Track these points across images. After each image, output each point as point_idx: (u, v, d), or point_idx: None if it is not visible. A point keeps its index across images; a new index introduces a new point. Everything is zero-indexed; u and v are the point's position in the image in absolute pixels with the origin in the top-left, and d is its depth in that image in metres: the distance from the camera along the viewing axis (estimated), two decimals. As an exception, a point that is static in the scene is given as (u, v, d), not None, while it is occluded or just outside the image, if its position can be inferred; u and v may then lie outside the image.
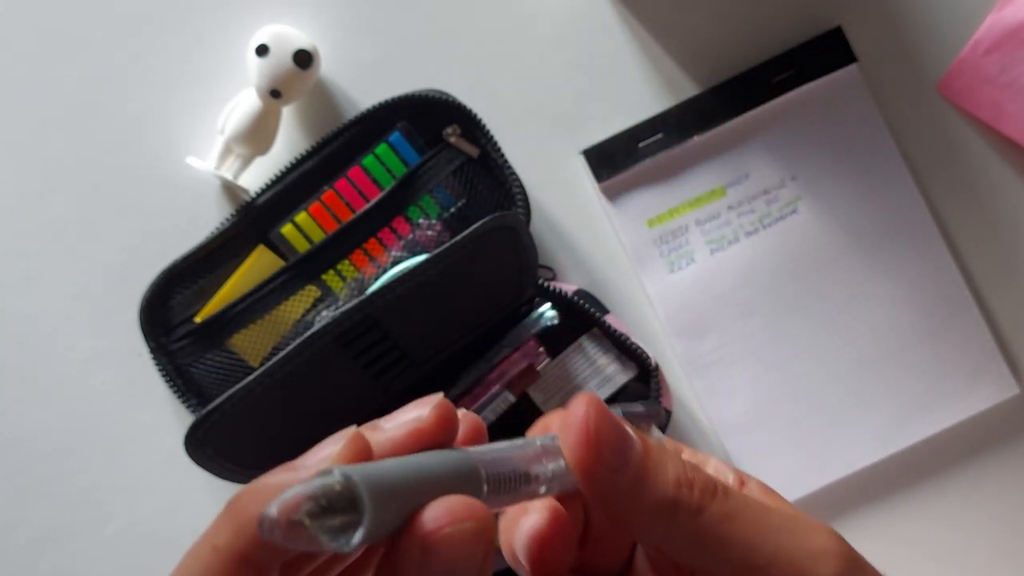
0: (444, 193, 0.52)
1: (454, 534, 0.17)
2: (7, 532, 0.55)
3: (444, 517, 0.17)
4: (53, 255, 0.55)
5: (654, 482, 0.21)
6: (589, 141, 0.55)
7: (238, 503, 0.19)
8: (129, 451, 0.55)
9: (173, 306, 0.53)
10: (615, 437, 0.21)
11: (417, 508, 0.17)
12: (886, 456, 0.54)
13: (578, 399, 0.21)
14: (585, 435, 0.21)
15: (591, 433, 0.21)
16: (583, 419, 0.21)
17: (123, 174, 0.55)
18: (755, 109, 0.54)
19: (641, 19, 0.55)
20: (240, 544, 0.19)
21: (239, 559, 0.19)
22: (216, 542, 0.19)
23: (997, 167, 0.55)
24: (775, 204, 0.55)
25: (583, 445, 0.21)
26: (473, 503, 0.18)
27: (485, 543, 0.18)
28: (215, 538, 0.19)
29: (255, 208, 0.52)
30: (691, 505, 0.21)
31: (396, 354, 0.48)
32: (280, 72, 0.51)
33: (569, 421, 0.21)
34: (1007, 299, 0.55)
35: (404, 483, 0.18)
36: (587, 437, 0.21)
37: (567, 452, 0.21)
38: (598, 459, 0.21)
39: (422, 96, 0.51)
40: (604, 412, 0.21)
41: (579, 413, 0.21)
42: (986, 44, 0.54)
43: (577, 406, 0.21)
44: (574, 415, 0.21)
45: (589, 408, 0.21)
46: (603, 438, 0.21)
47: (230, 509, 0.19)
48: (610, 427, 0.21)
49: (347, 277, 0.52)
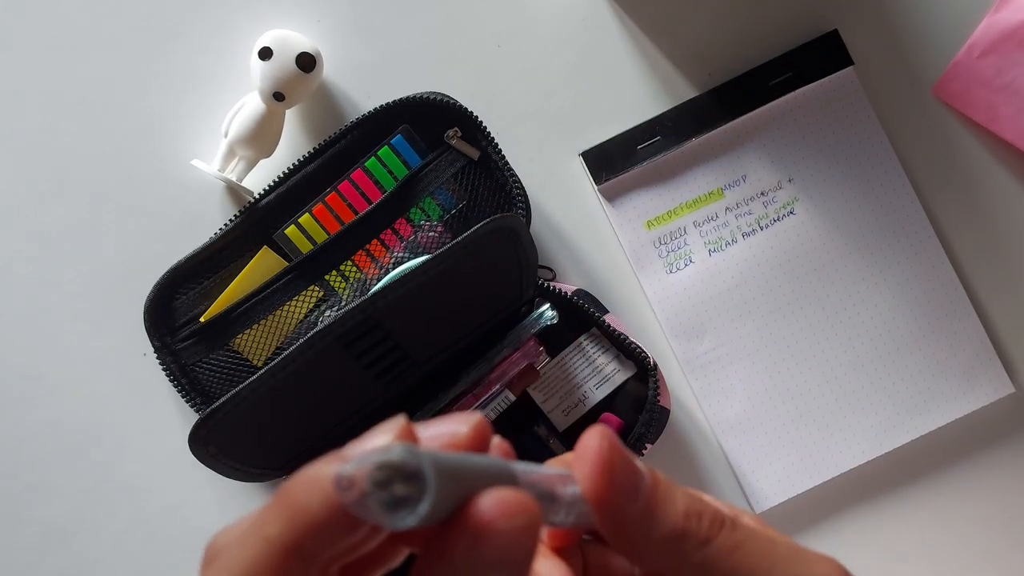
0: (445, 195, 0.53)
1: (506, 526, 0.18)
2: (13, 530, 0.56)
3: (498, 508, 0.18)
4: (58, 256, 0.56)
5: (664, 512, 0.22)
6: (588, 143, 0.55)
7: (290, 493, 0.19)
8: (134, 450, 0.56)
9: (177, 306, 0.53)
10: (627, 469, 0.22)
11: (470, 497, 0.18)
12: (882, 455, 0.54)
13: (592, 432, 0.22)
14: (599, 465, 0.21)
15: (605, 463, 0.21)
16: (597, 450, 0.21)
17: (128, 176, 0.56)
18: (752, 112, 0.55)
19: (639, 22, 0.56)
20: (292, 535, 0.18)
21: (291, 550, 0.18)
22: (267, 532, 0.18)
23: (992, 169, 0.55)
24: (772, 206, 0.55)
25: (597, 475, 0.21)
26: (526, 498, 0.18)
27: (533, 538, 0.18)
28: (265, 528, 0.18)
29: (259, 209, 0.53)
30: (699, 536, 0.22)
31: (398, 354, 0.49)
32: (283, 75, 0.51)
33: (583, 452, 0.21)
34: (1003, 299, 0.55)
35: (461, 470, 0.18)
36: (601, 467, 0.21)
37: (582, 481, 0.22)
38: (611, 488, 0.21)
39: (423, 99, 0.52)
40: (616, 445, 0.22)
41: (593, 445, 0.21)
42: (981, 47, 0.54)
43: (591, 438, 0.22)
44: (588, 446, 0.22)
45: (603, 440, 0.21)
46: (616, 468, 0.21)
47: (281, 499, 0.19)
48: (622, 459, 0.22)
49: (350, 278, 0.53)
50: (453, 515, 0.18)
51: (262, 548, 0.18)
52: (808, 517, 0.55)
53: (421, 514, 0.16)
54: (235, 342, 0.53)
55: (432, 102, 0.52)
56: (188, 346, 0.53)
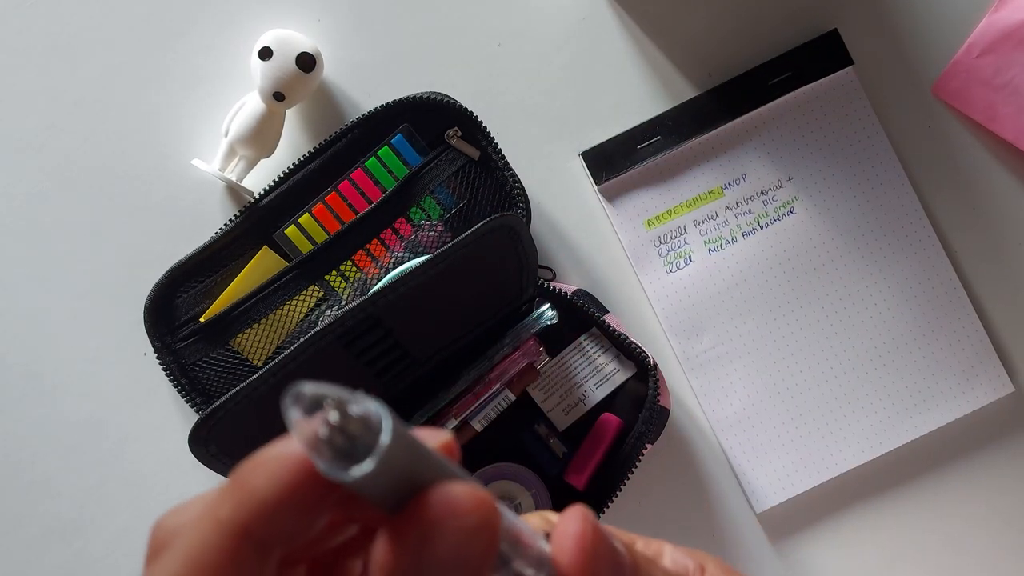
0: (445, 194, 0.53)
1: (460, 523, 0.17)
2: (14, 528, 0.56)
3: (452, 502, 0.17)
4: (59, 255, 0.56)
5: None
6: (588, 143, 0.55)
7: (242, 475, 0.18)
8: (134, 449, 0.56)
9: (178, 306, 0.53)
10: (608, 555, 0.21)
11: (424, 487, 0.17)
12: (881, 454, 0.55)
13: (572, 514, 0.21)
14: (580, 552, 0.20)
15: (586, 550, 0.20)
16: (579, 535, 0.20)
17: (129, 176, 0.56)
18: (752, 111, 0.55)
19: (639, 22, 0.56)
20: (243, 517, 0.17)
21: (242, 533, 0.17)
22: (219, 514, 0.18)
23: (991, 168, 0.55)
24: (772, 205, 0.55)
25: (577, 561, 0.20)
26: (484, 496, 0.17)
27: (489, 540, 0.17)
28: (217, 510, 0.18)
29: (259, 209, 0.53)
30: None
31: (398, 353, 0.49)
32: (283, 75, 0.51)
33: (563, 535, 0.21)
34: (1002, 298, 0.55)
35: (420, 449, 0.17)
36: (581, 553, 0.20)
37: (560, 563, 0.21)
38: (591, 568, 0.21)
39: (423, 99, 0.52)
40: (597, 529, 0.21)
41: (574, 529, 0.21)
42: (981, 46, 0.54)
43: (572, 522, 0.21)
44: (568, 530, 0.21)
45: (584, 525, 0.21)
46: (597, 554, 0.21)
47: (235, 481, 0.18)
48: (603, 545, 0.21)
49: (350, 277, 0.53)
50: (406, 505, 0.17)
51: (214, 531, 0.17)
52: (808, 517, 0.55)
53: (367, 469, 0.15)
54: (235, 342, 0.53)
55: (432, 102, 0.52)
56: (188, 346, 0.53)
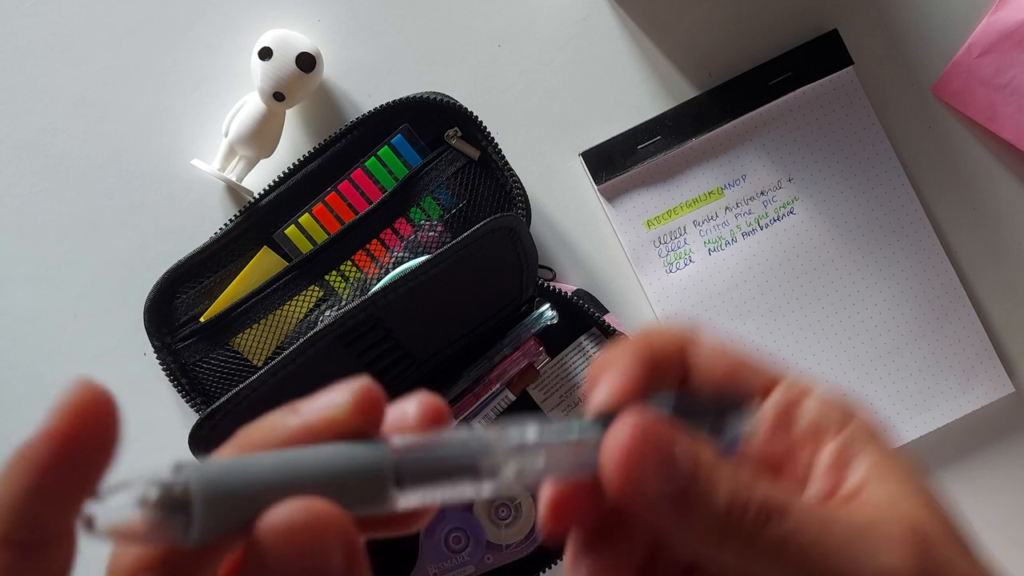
0: (445, 194, 0.53)
1: (286, 548, 0.17)
2: (14, 529, 0.56)
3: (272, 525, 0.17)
4: (59, 255, 0.56)
5: (701, 509, 0.19)
6: (588, 143, 0.55)
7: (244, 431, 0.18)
8: (134, 449, 0.55)
9: (178, 306, 0.53)
10: (661, 464, 0.19)
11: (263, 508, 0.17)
12: (882, 454, 0.54)
13: (625, 419, 0.19)
14: (626, 464, 0.19)
15: (633, 460, 0.19)
16: (626, 444, 0.19)
17: (129, 176, 0.56)
18: (752, 111, 0.55)
19: (640, 22, 0.56)
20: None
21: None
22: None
23: (991, 168, 0.55)
24: (772, 205, 0.55)
25: (622, 474, 0.19)
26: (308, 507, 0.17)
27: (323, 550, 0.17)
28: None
29: (259, 209, 0.53)
30: (741, 534, 0.19)
31: (398, 353, 0.49)
32: (283, 75, 0.51)
33: (609, 448, 0.19)
34: (1002, 298, 0.55)
35: (257, 483, 0.17)
36: (628, 467, 0.19)
37: (605, 473, 0.19)
38: (637, 494, 0.19)
39: (423, 99, 0.52)
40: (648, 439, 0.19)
41: (619, 441, 0.19)
42: (981, 47, 0.54)
43: (618, 433, 0.19)
44: (614, 443, 0.19)
45: (635, 431, 0.19)
46: (650, 468, 0.19)
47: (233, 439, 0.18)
48: (657, 454, 0.19)
49: (350, 277, 0.53)
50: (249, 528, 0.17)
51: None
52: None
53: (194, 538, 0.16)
54: (235, 342, 0.53)
55: (432, 102, 0.52)
56: (188, 346, 0.53)
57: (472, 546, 0.50)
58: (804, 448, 0.23)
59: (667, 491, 0.19)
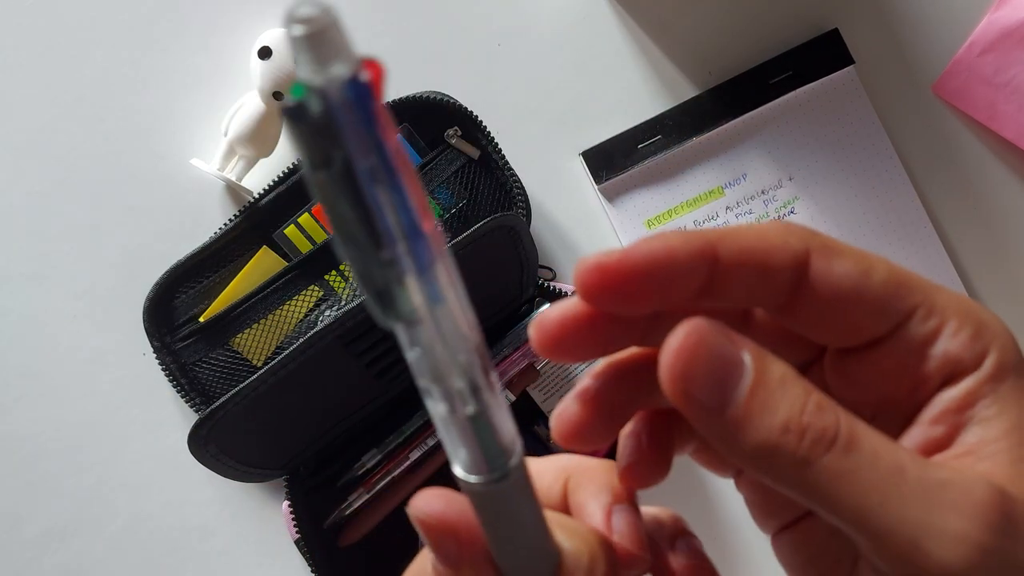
0: (445, 194, 0.52)
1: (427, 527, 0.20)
2: (13, 528, 0.56)
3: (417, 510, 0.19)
4: (58, 255, 0.56)
5: (755, 426, 0.18)
6: (588, 142, 0.55)
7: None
8: (134, 449, 0.56)
9: (177, 306, 0.53)
10: (717, 371, 0.18)
11: None
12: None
13: (682, 328, 0.18)
14: (680, 370, 0.18)
15: (688, 367, 0.18)
16: (677, 351, 0.18)
17: (128, 175, 0.56)
18: (753, 110, 0.55)
19: (640, 21, 0.56)
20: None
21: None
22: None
23: (992, 167, 0.55)
24: (772, 204, 0.55)
25: (675, 379, 0.18)
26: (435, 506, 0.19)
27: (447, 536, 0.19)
28: None
29: (258, 209, 0.53)
30: (796, 456, 0.18)
31: (398, 353, 0.48)
32: (283, 75, 0.51)
33: (666, 352, 0.18)
34: (1003, 298, 0.55)
35: None
36: (682, 372, 0.18)
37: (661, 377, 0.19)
38: (690, 401, 0.18)
39: (424, 98, 0.52)
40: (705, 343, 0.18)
41: (675, 343, 0.18)
42: (982, 45, 0.54)
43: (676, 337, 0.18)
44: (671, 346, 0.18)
45: (687, 338, 0.18)
46: (701, 372, 0.18)
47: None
48: (712, 360, 0.18)
49: (350, 277, 0.53)
50: None
51: None
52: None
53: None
54: (235, 341, 0.53)
55: (432, 102, 0.52)
56: (188, 346, 0.53)
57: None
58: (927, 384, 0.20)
59: (715, 401, 0.18)
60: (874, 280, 0.20)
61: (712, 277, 0.20)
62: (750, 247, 0.20)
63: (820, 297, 0.20)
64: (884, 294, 0.20)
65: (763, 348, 0.19)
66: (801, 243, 0.20)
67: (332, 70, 0.14)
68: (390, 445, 0.51)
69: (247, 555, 0.56)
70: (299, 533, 0.48)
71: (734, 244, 0.20)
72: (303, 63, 0.14)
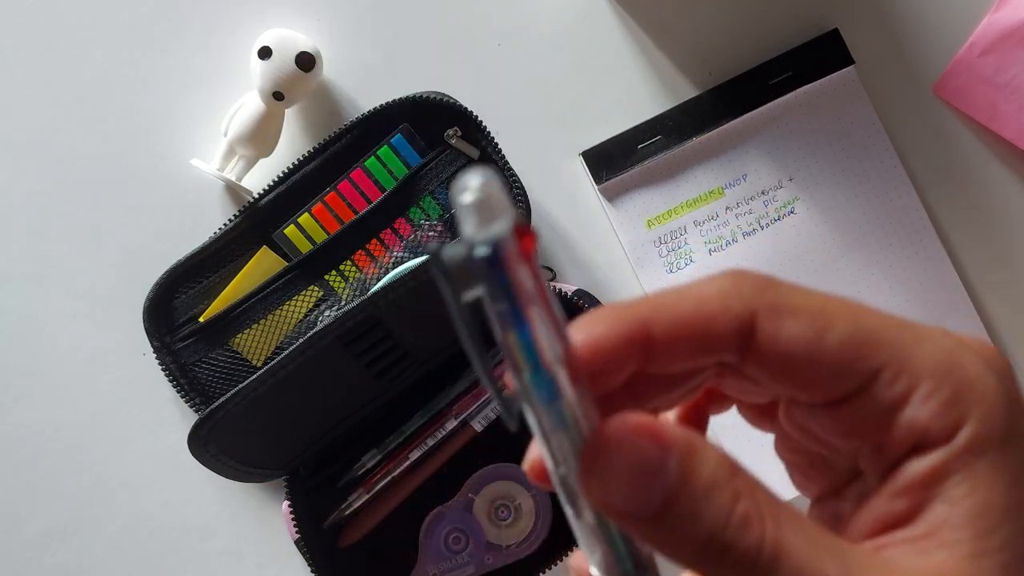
0: (445, 194, 0.52)
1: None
2: (13, 528, 0.56)
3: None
4: (58, 255, 0.56)
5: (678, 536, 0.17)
6: (588, 143, 0.55)
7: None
8: (133, 449, 0.56)
9: (177, 306, 0.53)
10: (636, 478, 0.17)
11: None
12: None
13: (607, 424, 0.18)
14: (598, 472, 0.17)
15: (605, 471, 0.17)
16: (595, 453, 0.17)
17: (128, 175, 0.56)
18: (753, 111, 0.55)
19: (640, 21, 0.56)
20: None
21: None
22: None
23: (992, 167, 0.55)
24: (773, 205, 0.55)
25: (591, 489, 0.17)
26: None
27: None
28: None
29: (258, 209, 0.53)
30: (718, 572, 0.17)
31: (398, 353, 0.49)
32: (283, 75, 0.51)
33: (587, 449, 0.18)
34: (1003, 299, 0.55)
35: None
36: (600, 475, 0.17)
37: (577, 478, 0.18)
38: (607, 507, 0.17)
39: (423, 98, 0.52)
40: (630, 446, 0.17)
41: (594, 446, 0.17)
42: (982, 45, 0.54)
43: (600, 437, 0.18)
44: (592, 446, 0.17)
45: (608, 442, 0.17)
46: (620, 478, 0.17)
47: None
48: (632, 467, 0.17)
49: (349, 277, 0.53)
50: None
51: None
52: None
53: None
54: (234, 342, 0.53)
55: (432, 101, 0.52)
56: (187, 346, 0.53)
57: (472, 546, 0.50)
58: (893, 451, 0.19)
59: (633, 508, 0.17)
60: (829, 341, 0.18)
61: (648, 355, 0.19)
62: (687, 318, 0.19)
63: (769, 360, 0.19)
64: (842, 355, 0.18)
65: (696, 442, 0.18)
66: (744, 306, 0.19)
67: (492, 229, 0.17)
68: (390, 445, 0.51)
69: (247, 555, 0.56)
70: (299, 533, 0.48)
71: (668, 317, 0.19)
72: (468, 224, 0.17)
